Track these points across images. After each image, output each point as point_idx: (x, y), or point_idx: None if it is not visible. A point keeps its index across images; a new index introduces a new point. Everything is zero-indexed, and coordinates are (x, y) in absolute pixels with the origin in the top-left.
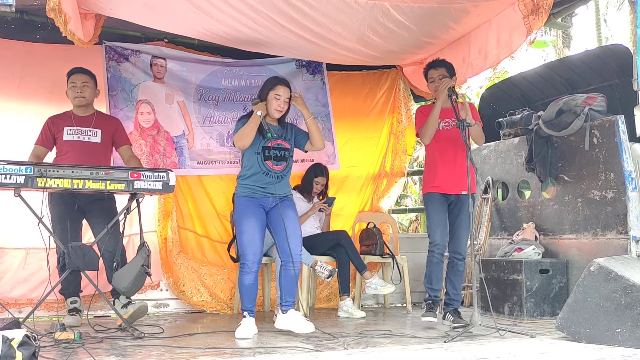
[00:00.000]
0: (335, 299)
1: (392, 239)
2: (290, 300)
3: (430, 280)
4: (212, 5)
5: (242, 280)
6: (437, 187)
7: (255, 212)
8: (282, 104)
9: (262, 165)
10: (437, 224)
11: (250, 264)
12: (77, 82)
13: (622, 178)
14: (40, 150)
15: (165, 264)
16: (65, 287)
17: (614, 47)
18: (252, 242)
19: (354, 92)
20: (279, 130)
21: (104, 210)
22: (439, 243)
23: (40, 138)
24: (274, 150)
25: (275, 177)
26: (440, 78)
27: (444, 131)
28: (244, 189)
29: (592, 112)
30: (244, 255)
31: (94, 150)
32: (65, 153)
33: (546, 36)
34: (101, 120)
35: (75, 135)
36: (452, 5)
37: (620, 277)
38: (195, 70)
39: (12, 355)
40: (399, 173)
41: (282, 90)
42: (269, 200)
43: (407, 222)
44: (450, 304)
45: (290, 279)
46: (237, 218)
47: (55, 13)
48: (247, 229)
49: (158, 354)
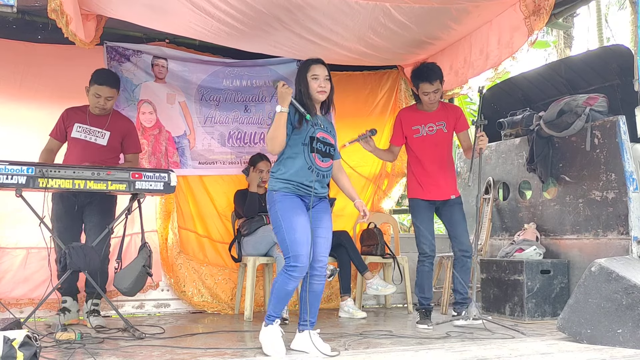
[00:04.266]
0: (336, 300)
1: (393, 240)
2: (311, 320)
3: (422, 289)
4: (212, 6)
5: (285, 285)
6: (422, 194)
7: (304, 210)
8: (323, 82)
9: (308, 158)
10: (425, 235)
11: (304, 267)
12: (101, 95)
13: (623, 179)
14: (53, 143)
15: (166, 264)
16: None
17: (615, 47)
18: (306, 241)
19: (355, 93)
20: (324, 122)
21: (102, 211)
22: (428, 254)
23: (54, 130)
24: (320, 143)
25: (319, 175)
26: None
27: (427, 136)
28: (284, 184)
29: (593, 112)
30: (297, 256)
31: (97, 152)
32: (70, 150)
33: (548, 36)
34: (115, 121)
35: (82, 134)
36: (453, 5)
37: (622, 277)
38: (196, 70)
39: (13, 355)
40: (400, 173)
41: (319, 69)
42: (309, 200)
43: (408, 223)
44: (463, 303)
45: (315, 294)
46: (284, 212)
47: (57, 14)
48: (299, 225)
49: (159, 354)
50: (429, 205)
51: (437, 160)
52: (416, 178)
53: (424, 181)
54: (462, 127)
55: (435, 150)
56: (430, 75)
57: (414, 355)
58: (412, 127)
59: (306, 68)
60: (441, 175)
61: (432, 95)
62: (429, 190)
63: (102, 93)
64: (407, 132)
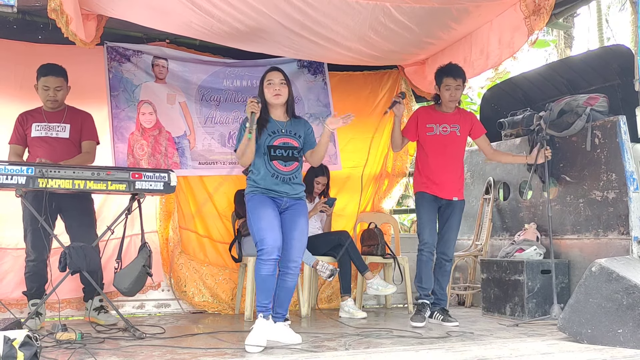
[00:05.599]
0: (337, 300)
1: (393, 240)
2: (282, 313)
3: (420, 279)
4: (213, 6)
5: (258, 270)
6: (429, 189)
7: (271, 205)
8: (278, 86)
9: (269, 166)
10: (426, 223)
11: (269, 248)
12: (50, 86)
13: (624, 179)
14: (17, 148)
15: (167, 264)
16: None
17: (616, 47)
18: (271, 227)
19: (355, 93)
20: (287, 126)
21: (80, 209)
22: (427, 242)
23: (13, 136)
24: (280, 149)
25: (284, 179)
26: (456, 88)
27: (440, 136)
28: (254, 188)
29: (594, 112)
30: (262, 240)
31: (61, 145)
32: (34, 149)
33: (548, 36)
34: (72, 115)
35: (43, 131)
36: (453, 5)
37: (622, 277)
38: (196, 70)
39: (14, 355)
40: (401, 173)
41: (272, 75)
42: (282, 201)
43: (409, 223)
44: (437, 304)
45: (286, 290)
46: (251, 208)
47: (57, 14)
48: (265, 214)
49: (159, 354)
50: (434, 199)
51: (446, 160)
52: (423, 174)
53: (430, 178)
54: (479, 132)
55: (445, 150)
56: (455, 71)
57: (415, 355)
58: (426, 125)
59: (263, 76)
60: (447, 176)
61: (454, 92)
62: (433, 187)
63: (50, 84)
64: (421, 129)
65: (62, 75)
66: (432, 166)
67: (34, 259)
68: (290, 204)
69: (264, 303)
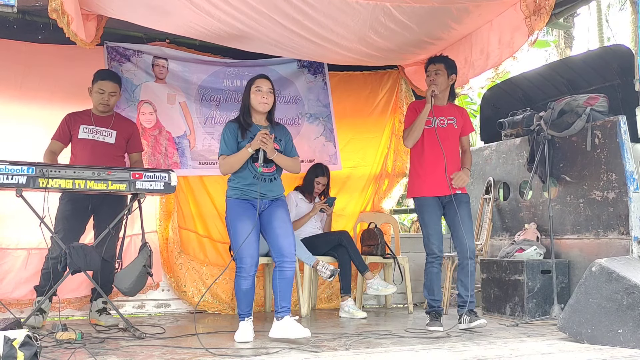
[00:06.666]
0: (337, 300)
1: (393, 240)
2: (286, 306)
3: (431, 292)
4: (213, 6)
5: (239, 285)
6: (428, 190)
7: (248, 214)
8: (266, 94)
9: (251, 168)
10: (433, 234)
11: (247, 267)
12: (105, 90)
13: (624, 179)
14: (57, 145)
15: (167, 264)
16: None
17: (616, 47)
18: (248, 245)
19: (355, 93)
20: (269, 130)
21: (110, 213)
22: (437, 255)
23: (57, 133)
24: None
25: (264, 179)
26: (435, 73)
27: (438, 129)
28: (234, 191)
29: (594, 112)
30: (240, 259)
31: (106, 150)
32: (78, 151)
33: (548, 36)
34: (119, 122)
35: (90, 134)
36: (453, 5)
37: (622, 277)
38: (196, 70)
39: (14, 355)
40: (401, 173)
41: (262, 82)
42: (261, 202)
43: (409, 223)
44: (463, 306)
45: (286, 281)
46: (230, 221)
47: (58, 14)
48: (242, 231)
49: (159, 354)
50: (434, 202)
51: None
52: (417, 172)
53: (425, 172)
54: (468, 130)
55: (443, 143)
56: (434, 58)
57: (415, 355)
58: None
59: (251, 82)
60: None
61: (433, 76)
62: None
63: (106, 88)
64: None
65: (117, 82)
66: (430, 160)
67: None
68: (268, 205)
69: (246, 310)
